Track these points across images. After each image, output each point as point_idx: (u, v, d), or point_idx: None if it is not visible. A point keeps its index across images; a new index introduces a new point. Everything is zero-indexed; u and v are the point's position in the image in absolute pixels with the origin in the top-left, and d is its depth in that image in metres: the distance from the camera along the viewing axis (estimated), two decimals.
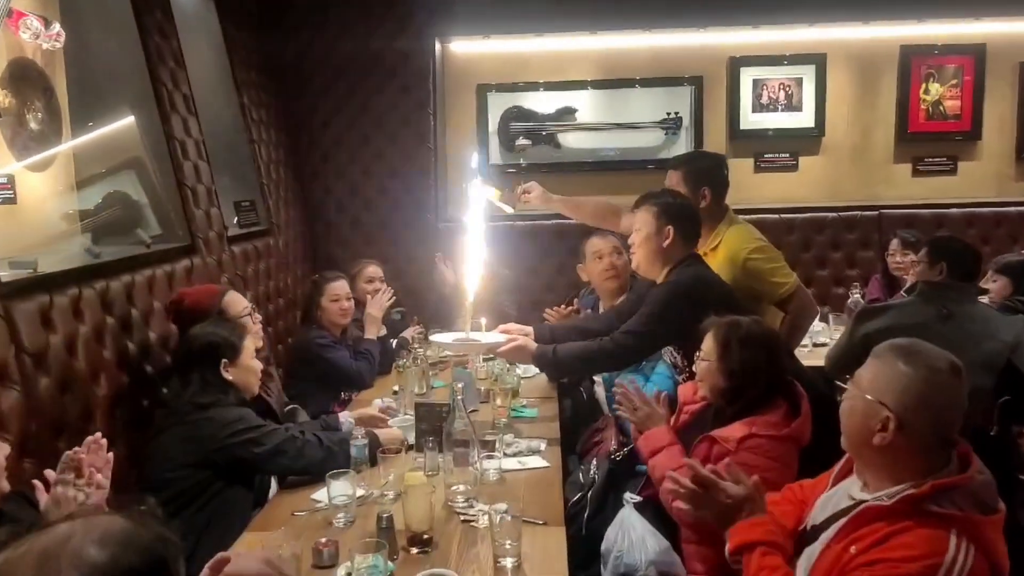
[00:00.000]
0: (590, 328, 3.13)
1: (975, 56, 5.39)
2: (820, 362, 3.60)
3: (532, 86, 5.54)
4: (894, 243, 4.59)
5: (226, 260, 3.77)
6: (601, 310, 3.77)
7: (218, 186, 3.88)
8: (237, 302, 3.00)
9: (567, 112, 5.54)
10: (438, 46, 5.33)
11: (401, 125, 5.17)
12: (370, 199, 5.22)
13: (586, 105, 5.54)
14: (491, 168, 5.31)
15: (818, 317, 4.42)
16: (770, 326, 2.44)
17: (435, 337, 3.05)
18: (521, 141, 5.56)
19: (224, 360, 2.52)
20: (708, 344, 2.38)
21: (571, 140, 5.59)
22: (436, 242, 5.09)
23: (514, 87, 5.55)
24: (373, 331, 3.81)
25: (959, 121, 5.47)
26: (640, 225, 2.91)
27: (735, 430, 2.25)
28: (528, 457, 2.68)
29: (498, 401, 3.14)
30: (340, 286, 3.77)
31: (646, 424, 2.46)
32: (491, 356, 3.48)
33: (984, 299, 3.35)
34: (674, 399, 2.62)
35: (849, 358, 3.34)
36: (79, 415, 2.46)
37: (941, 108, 5.46)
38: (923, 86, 5.44)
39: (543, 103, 5.54)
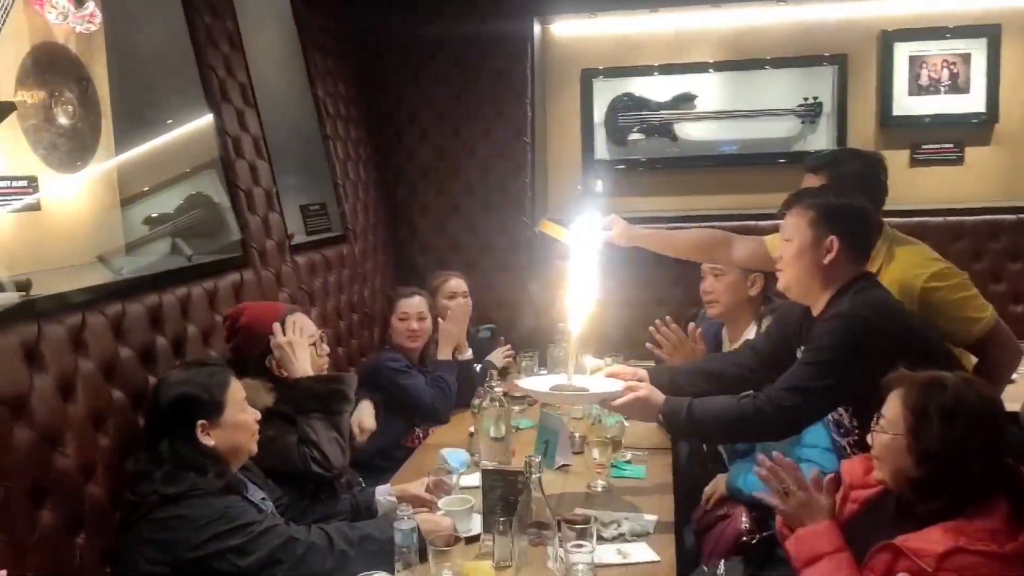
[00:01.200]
0: (720, 371, 2.44)
1: None
2: (1010, 405, 2.81)
3: (645, 70, 4.86)
4: None
5: (287, 272, 3.28)
6: (726, 341, 3.07)
7: (281, 188, 3.41)
8: (303, 327, 2.52)
9: (685, 99, 4.83)
10: (537, 28, 4.72)
11: (495, 117, 4.59)
12: (458, 201, 4.66)
13: (708, 91, 4.81)
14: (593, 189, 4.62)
15: None
16: (990, 389, 1.71)
17: (526, 383, 2.35)
18: (632, 135, 4.89)
19: (202, 422, 1.95)
20: (894, 409, 1.68)
21: (690, 131, 4.88)
22: (531, 249, 4.49)
23: (624, 72, 4.88)
24: (446, 351, 3.22)
25: None
26: (791, 234, 2.19)
27: (933, 540, 1.55)
28: (632, 545, 2.03)
29: (595, 454, 2.51)
30: (412, 304, 3.23)
31: (800, 517, 1.78)
32: None
33: None
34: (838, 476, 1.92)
35: None
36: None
37: None
38: None
39: (657, 90, 4.85)
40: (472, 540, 2.04)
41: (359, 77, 4.51)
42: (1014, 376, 3.32)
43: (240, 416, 2.00)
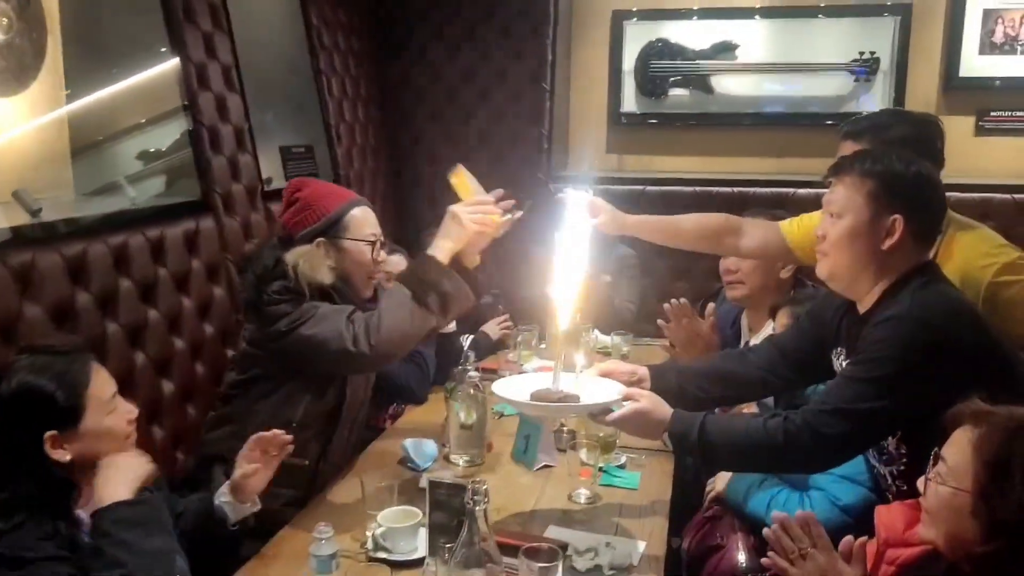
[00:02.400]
0: (738, 373, 2.00)
1: None
2: None
3: (683, 14, 4.37)
4: None
5: (258, 221, 2.92)
6: (746, 331, 2.64)
7: (259, 126, 3.03)
8: (364, 222, 2.20)
9: (726, 49, 4.34)
10: None
11: (512, 58, 4.14)
12: (469, 149, 4.23)
13: (751, 40, 4.31)
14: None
15: None
16: None
17: (500, 387, 1.84)
18: (665, 86, 4.41)
19: (50, 433, 1.46)
20: (961, 455, 1.27)
21: (729, 85, 4.39)
22: (546, 207, 4.06)
23: (660, 15, 4.40)
24: None
25: None
26: (842, 208, 1.72)
27: None
28: None
29: (583, 455, 2.13)
30: (393, 263, 2.85)
31: None
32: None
33: None
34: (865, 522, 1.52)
35: None
36: None
37: None
38: None
39: (695, 36, 4.36)
40: (415, 564, 1.67)
41: (364, 5, 4.07)
42: None
43: (106, 421, 1.53)
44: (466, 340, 3.09)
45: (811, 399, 1.91)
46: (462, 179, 2.13)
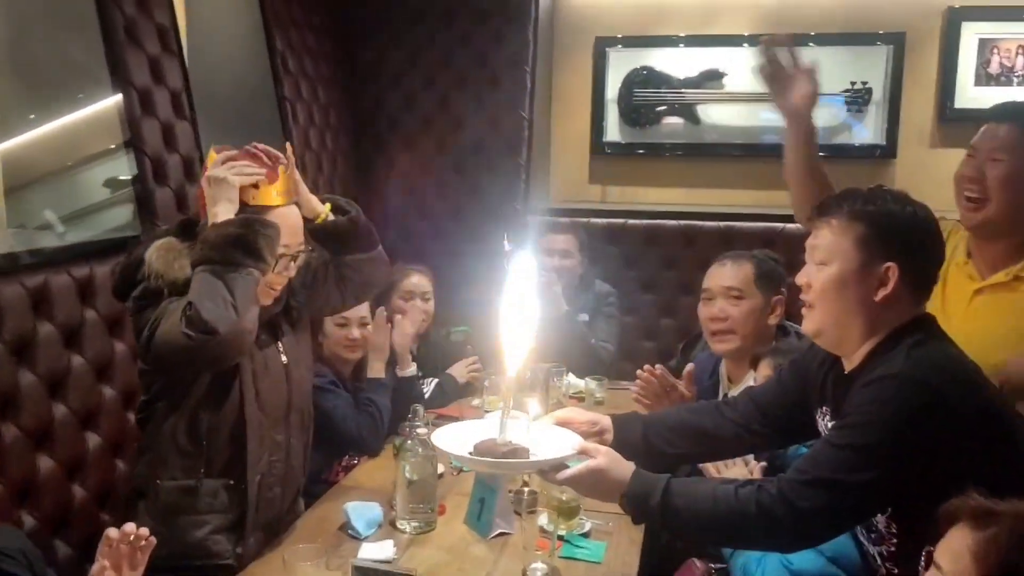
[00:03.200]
0: (712, 429, 1.79)
1: None
2: None
3: (668, 41, 4.22)
4: None
5: None
6: (725, 381, 2.42)
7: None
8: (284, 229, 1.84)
9: (713, 77, 4.19)
10: None
11: (489, 86, 3.98)
12: (443, 180, 4.06)
13: (739, 68, 4.15)
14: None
15: None
16: None
17: (439, 437, 1.62)
18: (649, 115, 4.26)
19: None
20: (958, 560, 1.08)
21: (716, 114, 4.24)
22: (523, 238, 3.88)
23: (644, 42, 4.25)
24: (376, 366, 2.61)
25: None
26: (828, 255, 1.53)
27: None
28: None
29: (542, 522, 1.93)
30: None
31: None
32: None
33: None
34: None
35: None
36: None
37: None
38: None
39: (681, 64, 4.21)
40: None
41: (334, 30, 3.92)
42: None
43: None
44: (429, 384, 2.93)
45: (792, 461, 1.72)
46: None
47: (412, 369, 2.70)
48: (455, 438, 1.62)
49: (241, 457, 1.90)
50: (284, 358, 2.00)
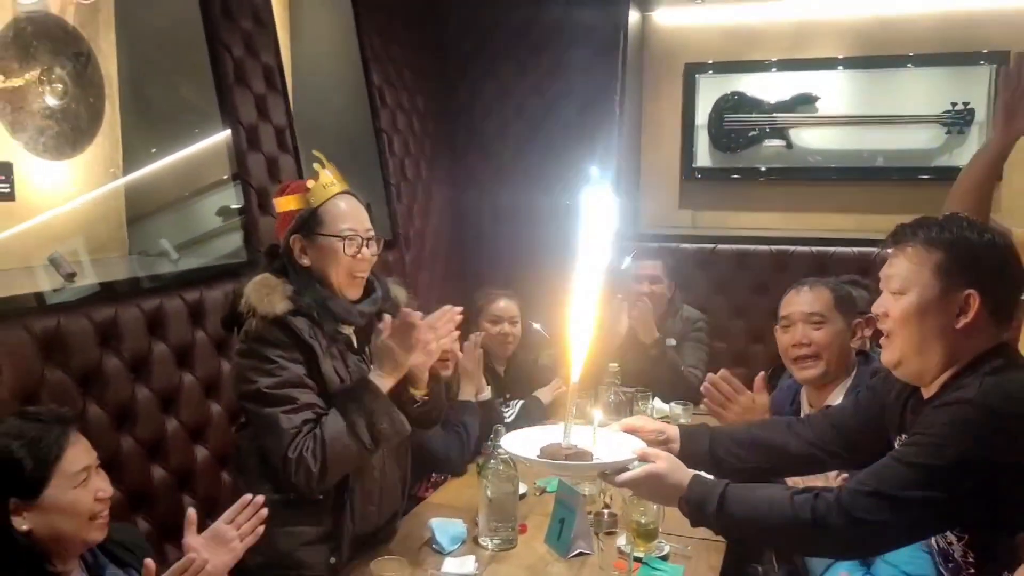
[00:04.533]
0: (782, 445, 1.79)
1: None
2: None
3: (759, 66, 4.22)
4: None
5: None
6: (806, 408, 2.39)
7: None
8: (339, 215, 1.97)
9: (806, 101, 4.15)
10: (636, 16, 4.16)
11: (578, 113, 4.05)
12: (533, 207, 4.14)
13: (833, 91, 4.11)
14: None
15: None
16: None
17: (509, 442, 1.70)
18: (741, 140, 4.25)
19: (14, 500, 1.41)
20: None
21: (809, 138, 4.19)
22: (615, 268, 3.92)
23: (735, 67, 4.26)
24: (468, 390, 2.71)
25: None
26: (905, 284, 1.52)
27: None
28: None
29: (621, 543, 1.95)
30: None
31: None
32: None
33: None
34: None
35: None
36: None
37: None
38: None
39: (773, 88, 4.20)
40: None
41: (429, 66, 4.08)
42: None
43: (70, 495, 1.45)
44: (515, 406, 2.99)
45: None
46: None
47: (487, 393, 2.77)
48: (524, 442, 1.68)
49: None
50: None
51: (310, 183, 1.99)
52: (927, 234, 1.51)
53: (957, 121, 3.92)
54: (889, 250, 1.57)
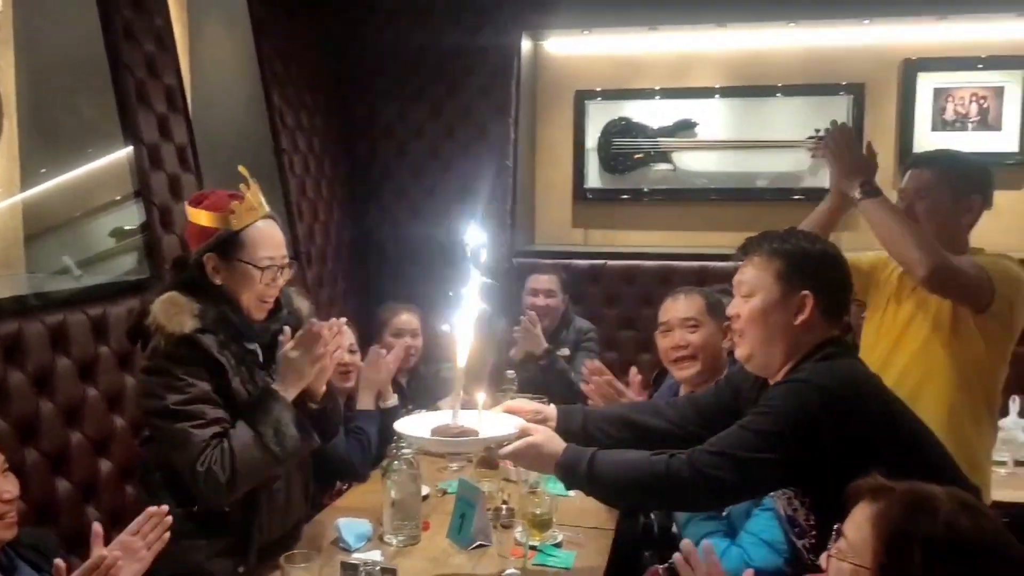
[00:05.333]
0: (646, 423, 2.00)
1: None
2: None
3: (644, 93, 4.49)
4: None
5: None
6: None
7: None
8: (261, 243, 2.01)
9: (686, 126, 4.45)
10: (527, 43, 4.37)
11: (475, 136, 4.23)
12: (433, 225, 4.29)
13: (712, 118, 4.43)
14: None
15: (1018, 414, 3.17)
16: (996, 519, 1.28)
17: (402, 425, 1.89)
18: (628, 163, 4.51)
19: None
20: (860, 531, 1.27)
21: (691, 161, 4.49)
22: (508, 280, 4.10)
23: (622, 95, 4.51)
24: (365, 399, 2.81)
25: None
26: (752, 288, 1.77)
27: None
28: None
29: (517, 533, 2.11)
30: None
31: None
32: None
33: None
34: None
35: None
36: None
37: None
38: None
39: (658, 115, 4.48)
40: None
41: (330, 87, 4.18)
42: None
43: None
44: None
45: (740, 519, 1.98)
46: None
47: (394, 400, 2.89)
48: (417, 425, 1.85)
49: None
50: None
51: (234, 204, 2.01)
52: (770, 245, 1.75)
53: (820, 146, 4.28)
54: (741, 260, 1.80)
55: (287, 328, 2.08)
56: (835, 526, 1.35)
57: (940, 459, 1.65)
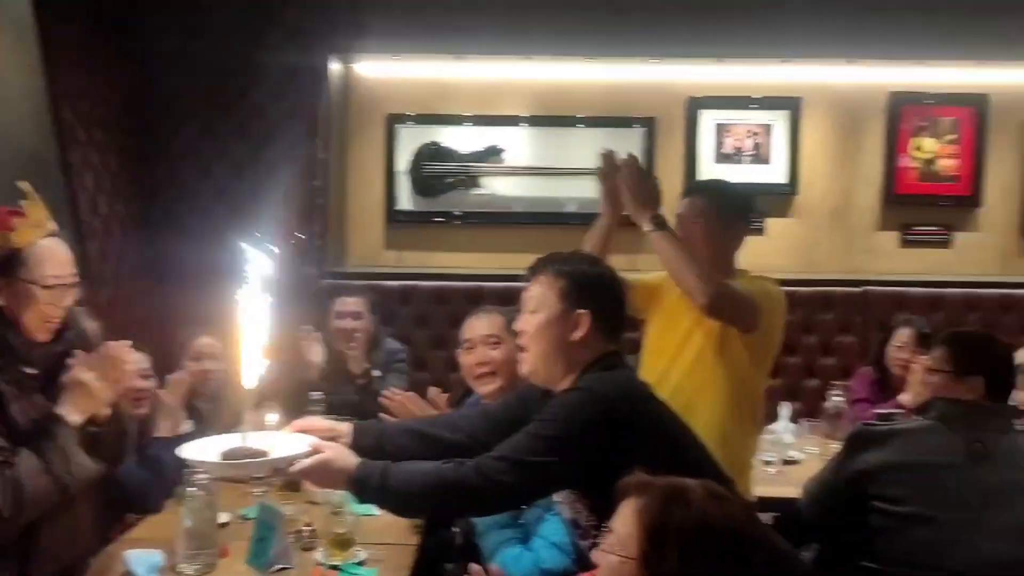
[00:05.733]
0: (442, 436, 2.06)
1: (976, 108, 4.54)
2: (791, 490, 2.65)
3: (454, 119, 4.61)
4: (905, 333, 3.55)
5: None
6: None
7: None
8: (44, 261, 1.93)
9: (493, 152, 4.61)
10: (337, 65, 4.39)
11: (282, 158, 4.17)
12: (232, 247, 4.16)
13: (518, 145, 4.61)
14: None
15: (787, 419, 3.52)
16: (744, 505, 1.45)
17: (188, 450, 1.79)
18: (438, 186, 4.61)
19: None
20: (625, 524, 1.39)
21: (500, 186, 4.65)
22: (319, 301, 4.06)
23: (432, 120, 4.61)
24: (164, 427, 2.72)
25: (956, 184, 4.59)
26: (537, 305, 1.90)
27: None
28: None
29: (317, 555, 2.10)
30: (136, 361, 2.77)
31: None
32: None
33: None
34: None
35: (836, 500, 2.38)
36: None
37: (934, 168, 4.59)
38: (914, 141, 4.58)
39: (467, 140, 4.61)
40: None
41: (129, 102, 3.99)
42: (796, 455, 3.23)
43: None
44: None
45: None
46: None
47: (187, 427, 2.80)
48: (204, 450, 1.80)
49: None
50: None
51: (15, 221, 1.92)
52: (555, 265, 1.90)
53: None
54: (529, 280, 1.93)
55: (78, 351, 2.00)
56: (605, 525, 1.47)
57: (700, 458, 1.84)
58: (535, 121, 4.61)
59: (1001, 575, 2.08)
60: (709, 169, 4.54)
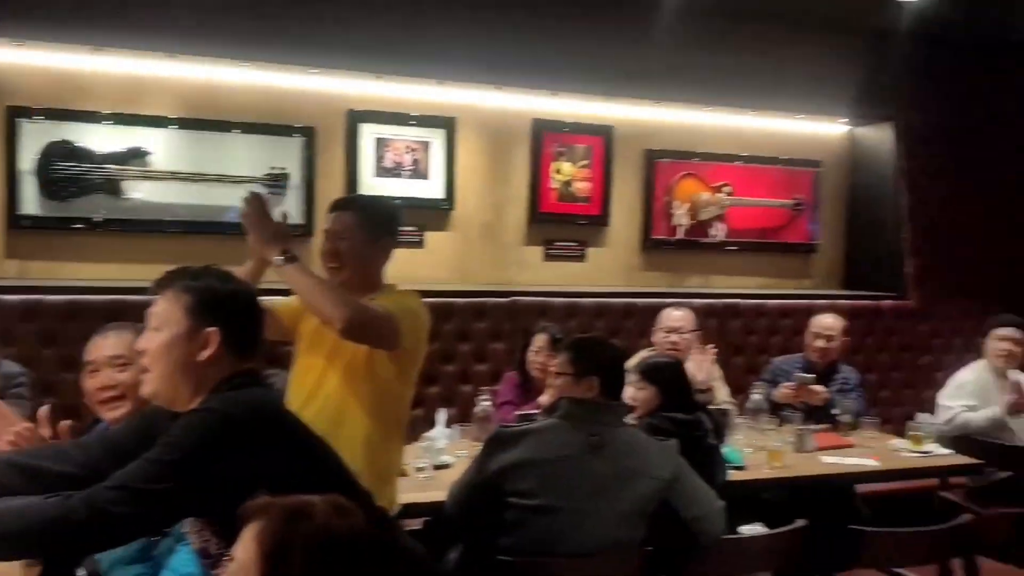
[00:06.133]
0: (44, 468, 1.82)
1: (604, 137, 5.12)
2: (441, 494, 2.77)
3: (91, 116, 4.19)
4: (541, 338, 3.84)
5: None
6: None
7: None
8: None
9: (137, 155, 4.26)
10: None
11: None
12: None
13: (165, 149, 4.31)
14: None
15: (443, 424, 3.66)
16: (377, 516, 1.45)
17: None
18: (71, 189, 4.15)
19: None
20: (245, 549, 1.33)
21: (149, 192, 4.31)
22: None
23: (65, 115, 4.15)
24: None
25: (589, 204, 5.14)
26: (160, 322, 1.77)
27: None
28: None
29: None
30: None
31: None
32: None
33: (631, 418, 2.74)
34: None
35: (477, 500, 2.53)
36: None
37: (571, 189, 5.10)
38: (555, 164, 5.05)
39: (105, 140, 4.21)
40: None
41: None
42: (448, 460, 3.37)
43: None
44: None
45: None
46: None
47: None
48: None
49: None
50: None
51: None
52: (183, 280, 1.78)
53: (275, 183, 4.46)
54: (156, 294, 1.80)
55: None
56: (228, 554, 1.40)
57: (337, 472, 1.82)
58: (185, 124, 4.34)
59: (602, 556, 2.35)
60: (370, 182, 4.61)
